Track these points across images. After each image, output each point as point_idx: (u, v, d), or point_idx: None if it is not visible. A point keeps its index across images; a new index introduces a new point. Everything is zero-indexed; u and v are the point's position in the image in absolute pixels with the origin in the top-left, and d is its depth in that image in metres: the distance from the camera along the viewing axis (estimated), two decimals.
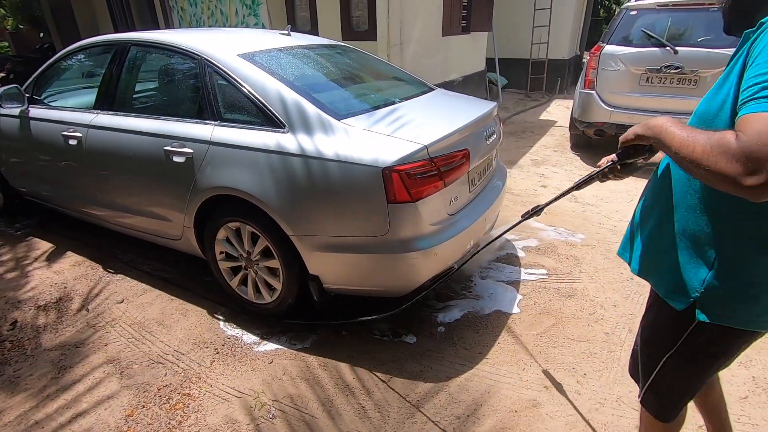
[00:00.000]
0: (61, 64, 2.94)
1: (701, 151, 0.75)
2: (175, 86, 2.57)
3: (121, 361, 2.05)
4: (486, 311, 2.35)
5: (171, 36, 2.46)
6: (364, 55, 2.98)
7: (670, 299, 1.01)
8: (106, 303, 2.48)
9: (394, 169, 1.76)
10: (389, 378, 1.93)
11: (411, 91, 2.57)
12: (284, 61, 2.33)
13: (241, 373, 1.97)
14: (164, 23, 7.55)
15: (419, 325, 2.25)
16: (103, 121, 2.52)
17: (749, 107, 0.72)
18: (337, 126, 1.92)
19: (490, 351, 2.08)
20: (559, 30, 8.61)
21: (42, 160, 2.92)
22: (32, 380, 1.96)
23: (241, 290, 2.33)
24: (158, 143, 2.27)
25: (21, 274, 2.81)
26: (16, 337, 2.23)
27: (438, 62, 6.27)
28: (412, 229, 1.86)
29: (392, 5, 5.18)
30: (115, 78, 2.58)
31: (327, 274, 2.03)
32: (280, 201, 1.94)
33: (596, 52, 4.64)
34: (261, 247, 2.13)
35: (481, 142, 2.20)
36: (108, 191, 2.63)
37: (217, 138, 2.09)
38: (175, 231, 2.41)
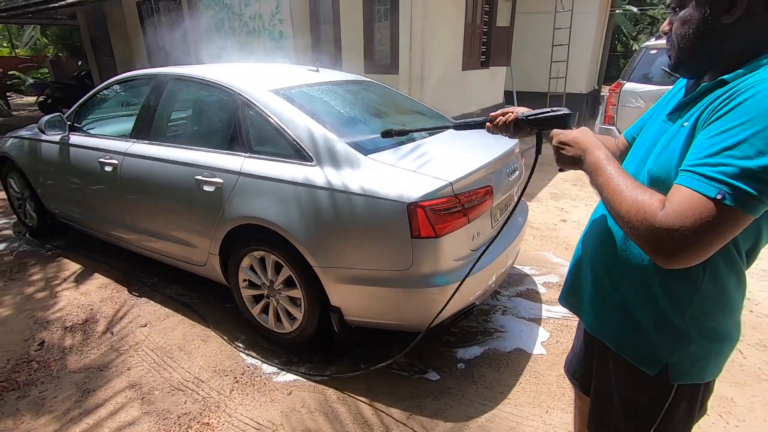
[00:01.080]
0: (103, 94, 3.11)
1: (627, 208, 0.75)
2: (209, 118, 2.69)
3: (142, 386, 2.07)
4: (507, 349, 2.32)
5: (208, 71, 2.60)
6: (388, 90, 3.08)
7: (641, 364, 0.93)
8: (130, 326, 2.53)
9: (419, 205, 1.80)
10: (408, 415, 1.90)
11: (434, 126, 2.63)
12: (313, 97, 2.43)
13: (260, 404, 1.96)
14: (195, 56, 7.94)
15: (438, 361, 2.22)
16: (139, 149, 2.64)
17: (685, 178, 0.71)
18: (364, 161, 1.97)
19: (511, 391, 2.04)
20: (577, 65, 8.74)
21: (77, 184, 3.05)
22: (57, 402, 1.99)
23: (261, 318, 2.35)
24: (190, 172, 2.36)
25: (50, 294, 2.89)
26: (43, 358, 2.28)
27: (457, 95, 6.41)
28: (435, 264, 1.87)
29: (414, 40, 5.36)
30: (152, 109, 2.72)
31: (349, 306, 2.04)
32: (306, 232, 1.98)
33: (616, 88, 4.69)
34: (284, 277, 2.16)
35: (504, 179, 2.23)
36: (138, 216, 2.72)
37: (247, 169, 2.17)
38: (201, 257, 2.47)
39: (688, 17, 0.79)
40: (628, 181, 0.79)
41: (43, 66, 17.06)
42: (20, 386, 2.09)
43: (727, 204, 0.66)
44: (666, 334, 0.89)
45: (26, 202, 3.66)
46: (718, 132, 0.70)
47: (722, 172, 0.67)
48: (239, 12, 6.63)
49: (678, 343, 0.88)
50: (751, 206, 0.67)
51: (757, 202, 0.66)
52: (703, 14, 0.76)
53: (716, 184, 0.67)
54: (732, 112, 0.69)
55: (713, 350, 0.90)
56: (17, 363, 2.25)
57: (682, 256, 0.70)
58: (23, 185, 3.57)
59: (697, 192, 0.69)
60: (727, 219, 0.67)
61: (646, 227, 0.71)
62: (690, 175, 0.70)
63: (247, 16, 6.56)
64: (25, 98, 15.27)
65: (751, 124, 0.66)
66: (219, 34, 7.06)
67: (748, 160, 0.65)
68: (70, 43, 15.86)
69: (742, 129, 0.67)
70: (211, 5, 6.94)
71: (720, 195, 0.67)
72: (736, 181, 0.66)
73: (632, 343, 0.95)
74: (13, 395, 2.03)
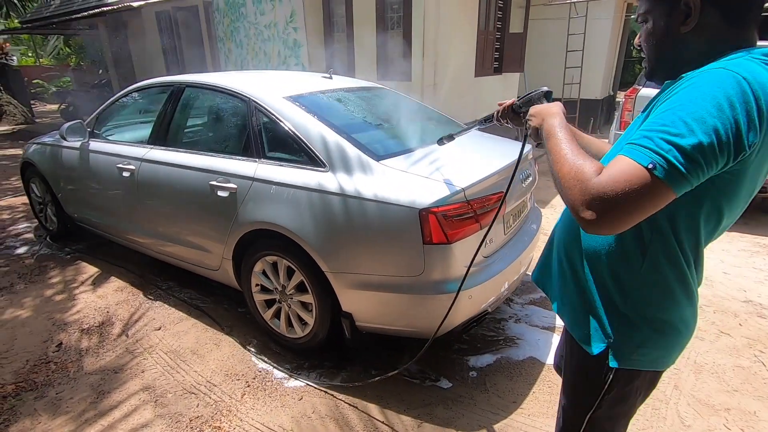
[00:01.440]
0: (122, 101, 3.19)
1: (566, 171, 0.79)
2: (224, 125, 2.73)
3: (156, 389, 2.10)
4: (520, 357, 2.28)
5: (223, 79, 2.64)
6: (400, 96, 3.09)
7: (585, 343, 0.99)
8: (145, 329, 2.56)
9: (431, 211, 1.79)
10: (419, 423, 1.88)
11: (447, 132, 2.63)
12: (326, 103, 2.45)
13: (270, 409, 1.97)
14: (212, 63, 8.09)
15: (450, 369, 2.20)
16: (156, 155, 2.69)
17: (625, 149, 0.75)
18: (376, 167, 1.98)
19: (524, 400, 2.00)
20: (592, 71, 8.66)
21: (96, 189, 3.13)
22: (73, 403, 2.02)
23: (273, 323, 2.36)
24: (204, 178, 2.39)
25: (68, 296, 2.95)
26: (61, 359, 2.32)
27: (470, 102, 6.39)
28: (447, 270, 1.86)
29: (427, 47, 5.38)
30: (168, 116, 2.77)
31: (360, 312, 2.04)
32: (318, 238, 1.99)
33: (632, 94, 4.63)
34: (296, 282, 2.17)
35: (517, 185, 2.21)
36: (154, 221, 2.77)
37: (261, 175, 2.19)
38: (214, 262, 2.50)
39: (651, 29, 0.88)
40: (574, 147, 0.83)
41: (65, 75, 17.59)
42: (38, 387, 2.13)
43: (656, 175, 0.70)
44: (610, 316, 0.94)
45: (47, 206, 3.76)
46: (661, 112, 0.75)
47: (658, 145, 0.71)
48: (255, 21, 6.75)
49: (620, 326, 0.93)
50: (676, 182, 0.70)
51: (683, 179, 0.70)
52: (664, 26, 0.85)
53: (651, 154, 0.71)
54: (674, 95, 0.75)
55: (655, 340, 0.92)
56: (36, 364, 2.29)
57: (605, 219, 0.73)
58: (44, 190, 3.67)
59: (633, 160, 0.72)
60: (653, 190, 0.70)
61: (579, 189, 0.75)
62: (629, 146, 0.74)
63: (263, 25, 6.67)
64: (48, 106, 15.74)
65: (685, 105, 0.71)
66: (235, 42, 7.18)
67: (681, 137, 0.69)
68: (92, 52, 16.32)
69: (679, 109, 0.72)
70: (227, 14, 7.08)
71: (651, 165, 0.70)
72: (668, 155, 0.70)
73: (581, 323, 0.99)
74: (31, 395, 2.08)
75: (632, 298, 0.91)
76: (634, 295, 0.91)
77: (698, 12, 0.80)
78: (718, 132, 0.68)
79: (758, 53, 0.77)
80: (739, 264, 3.28)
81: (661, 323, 0.91)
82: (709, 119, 0.69)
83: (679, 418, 1.89)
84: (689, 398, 2.00)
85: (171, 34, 8.95)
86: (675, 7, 0.82)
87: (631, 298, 0.91)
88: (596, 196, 0.72)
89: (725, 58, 0.78)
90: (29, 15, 12.26)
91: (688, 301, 0.91)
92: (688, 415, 1.91)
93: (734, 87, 0.69)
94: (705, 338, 2.43)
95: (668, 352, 0.95)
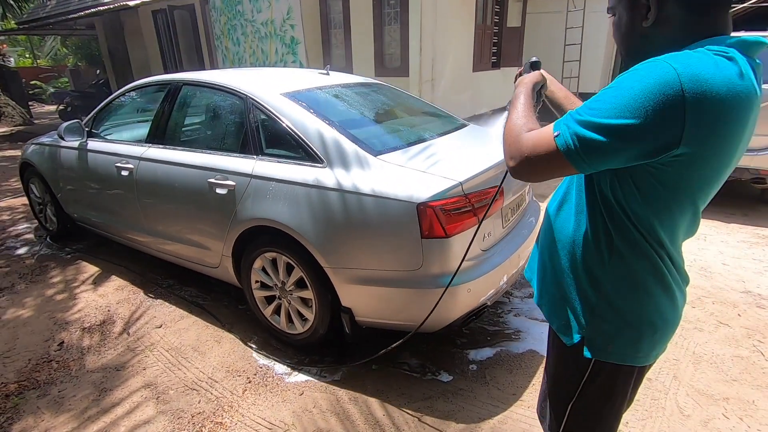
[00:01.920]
0: (119, 100, 3.19)
1: (509, 127, 0.91)
2: (221, 122, 2.73)
3: (158, 386, 2.11)
4: (519, 350, 2.29)
5: (220, 76, 2.64)
6: (398, 92, 3.09)
7: (562, 334, 1.00)
8: (146, 327, 2.57)
9: (428, 205, 1.80)
10: (420, 416, 1.89)
11: (444, 127, 2.64)
12: (323, 99, 2.45)
13: (272, 404, 1.98)
14: (209, 62, 8.08)
15: (450, 363, 2.21)
16: (154, 154, 2.70)
17: (555, 123, 0.83)
18: (374, 162, 1.98)
19: (524, 392, 2.01)
20: (590, 64, 8.63)
21: (95, 189, 3.13)
22: (75, 401, 2.03)
23: (273, 319, 2.37)
24: (203, 175, 2.40)
25: (69, 296, 2.97)
26: (63, 358, 2.34)
27: (468, 97, 6.39)
28: (446, 264, 1.86)
29: (424, 43, 5.37)
30: (166, 114, 2.77)
31: (359, 307, 2.05)
32: (317, 233, 2.00)
33: None
34: (295, 278, 2.18)
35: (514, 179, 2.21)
36: (153, 219, 2.78)
37: (259, 172, 2.19)
38: (214, 259, 2.50)
39: (618, 23, 0.91)
40: (524, 110, 0.95)
41: (63, 75, 17.56)
42: (41, 385, 2.14)
43: (557, 143, 0.79)
44: (583, 307, 0.95)
45: (47, 206, 3.76)
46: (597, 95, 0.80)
47: (569, 117, 0.79)
48: (251, 18, 6.73)
49: (592, 318, 0.94)
50: (569, 154, 0.78)
51: (577, 156, 0.77)
52: (628, 19, 0.87)
53: (560, 124, 0.80)
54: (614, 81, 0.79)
55: (628, 333, 0.92)
56: (38, 362, 2.31)
57: (519, 170, 0.86)
58: (44, 190, 3.67)
59: (550, 128, 0.82)
60: (551, 155, 0.80)
61: (510, 141, 0.89)
62: (558, 121, 0.82)
63: (259, 22, 6.65)
64: (46, 107, 15.72)
65: (608, 91, 0.76)
66: (232, 40, 7.16)
67: (589, 117, 0.76)
68: (89, 52, 16.30)
69: (603, 93, 0.77)
70: (224, 12, 7.06)
71: (556, 133, 0.79)
72: (570, 128, 0.77)
73: (558, 313, 1.01)
74: (33, 394, 2.09)
75: (603, 291, 0.92)
76: (605, 288, 0.91)
77: (656, 6, 0.80)
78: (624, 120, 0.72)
79: (719, 46, 0.75)
80: (738, 255, 3.28)
81: (632, 316, 0.91)
82: (621, 106, 0.72)
83: (678, 408, 1.90)
84: (688, 388, 2.01)
85: (168, 32, 8.93)
86: (637, 2, 0.83)
87: (602, 290, 0.92)
88: (517, 149, 0.85)
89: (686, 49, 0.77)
90: (26, 16, 12.23)
91: (665, 294, 0.90)
92: (687, 405, 1.92)
93: (659, 78, 0.70)
94: (704, 329, 2.44)
95: (646, 347, 0.93)
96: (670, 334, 0.96)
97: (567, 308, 0.98)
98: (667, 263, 0.89)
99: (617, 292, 0.91)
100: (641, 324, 0.91)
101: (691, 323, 2.48)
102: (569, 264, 0.97)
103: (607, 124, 0.73)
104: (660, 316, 0.92)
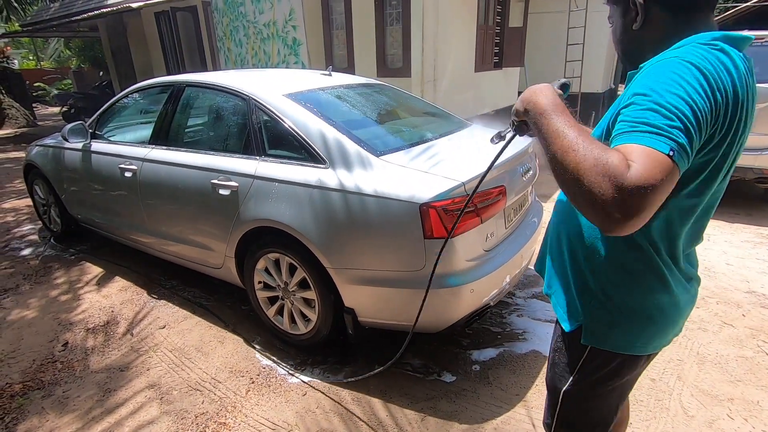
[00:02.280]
0: (122, 102, 3.20)
1: (584, 163, 0.68)
2: (224, 124, 2.74)
3: (161, 386, 2.12)
4: (523, 351, 2.29)
5: (222, 77, 2.65)
6: (400, 92, 3.09)
7: (562, 320, 1.03)
8: (150, 328, 2.58)
9: (431, 205, 1.79)
10: (423, 417, 1.89)
11: (447, 127, 2.63)
12: (326, 100, 2.45)
13: (275, 405, 1.98)
14: (212, 63, 8.10)
15: (453, 363, 2.21)
16: (157, 155, 2.71)
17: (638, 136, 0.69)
18: (376, 162, 1.98)
19: (527, 393, 2.01)
20: (593, 64, 8.61)
21: (99, 190, 3.14)
22: (80, 401, 2.04)
23: (276, 320, 2.37)
24: (206, 176, 2.40)
25: (73, 296, 2.98)
26: (67, 358, 2.35)
27: (470, 97, 6.38)
28: (448, 265, 1.86)
29: (426, 43, 5.37)
30: (169, 115, 2.78)
31: (362, 308, 2.05)
32: (319, 234, 2.00)
33: None
34: (298, 279, 2.18)
35: (518, 179, 2.21)
36: (157, 220, 2.79)
37: (261, 173, 2.20)
38: (217, 260, 2.51)
39: (615, 29, 0.95)
40: (581, 131, 0.74)
41: (66, 77, 17.64)
42: (45, 385, 2.15)
43: (674, 160, 0.67)
44: (583, 295, 0.98)
45: (51, 208, 3.78)
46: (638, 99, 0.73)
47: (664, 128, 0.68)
48: (254, 20, 6.74)
49: (590, 306, 0.96)
50: (684, 163, 0.69)
51: (687, 158, 0.69)
52: (620, 26, 0.93)
53: (666, 140, 0.67)
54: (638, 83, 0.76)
55: (625, 324, 0.94)
56: (42, 363, 2.32)
57: (640, 218, 0.66)
58: (48, 191, 3.69)
59: (655, 149, 0.67)
60: (672, 176, 0.67)
61: (610, 186, 0.65)
62: (640, 134, 0.69)
63: (262, 24, 6.66)
64: (50, 109, 15.80)
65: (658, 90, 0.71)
66: (234, 41, 7.18)
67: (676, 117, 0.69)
68: (92, 54, 16.37)
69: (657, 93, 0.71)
70: (226, 14, 7.08)
71: (671, 151, 0.67)
72: (678, 138, 0.67)
73: (561, 300, 1.04)
74: (38, 394, 2.10)
75: (601, 280, 0.94)
76: (603, 277, 0.94)
77: (642, 10, 0.86)
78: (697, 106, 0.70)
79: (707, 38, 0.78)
80: (742, 255, 3.27)
81: (629, 308, 0.93)
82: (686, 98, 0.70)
83: (682, 409, 1.89)
84: (692, 389, 2.00)
85: (171, 34, 8.96)
86: (627, 8, 0.89)
87: (600, 279, 0.94)
88: (635, 193, 0.64)
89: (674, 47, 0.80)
90: (29, 18, 12.29)
91: (663, 289, 0.91)
92: (691, 405, 1.91)
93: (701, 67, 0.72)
94: (708, 329, 2.43)
95: (643, 338, 0.95)
96: (671, 328, 0.97)
97: (568, 295, 1.01)
98: (664, 258, 0.90)
99: (614, 283, 0.93)
100: (638, 316, 0.93)
101: (695, 323, 2.47)
102: (572, 253, 0.99)
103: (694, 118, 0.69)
104: (659, 311, 0.93)
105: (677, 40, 0.82)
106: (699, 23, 0.83)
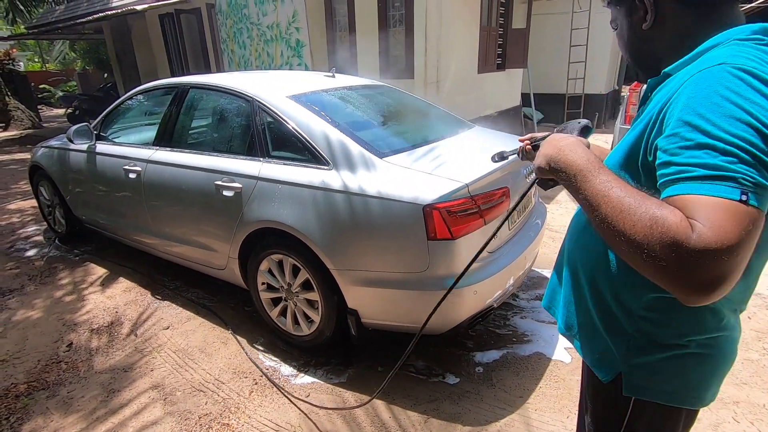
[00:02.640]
0: (127, 103, 3.22)
1: (641, 232, 0.58)
2: (228, 125, 2.75)
3: (165, 387, 2.12)
4: (526, 353, 2.28)
5: (226, 79, 2.66)
6: (403, 94, 3.10)
7: (596, 368, 0.88)
8: (153, 329, 2.59)
9: (434, 207, 1.79)
10: (426, 419, 1.89)
11: (450, 128, 2.64)
12: (329, 102, 2.46)
13: (278, 406, 1.98)
14: (215, 65, 8.13)
15: (457, 365, 2.20)
16: (161, 156, 2.72)
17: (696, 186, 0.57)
18: (379, 164, 1.99)
19: (531, 395, 2.00)
20: (596, 65, 8.59)
21: (103, 191, 3.16)
22: (84, 402, 2.05)
23: (280, 321, 2.37)
24: (210, 178, 2.41)
25: (78, 297, 2.99)
26: (71, 359, 2.36)
27: (473, 98, 6.38)
28: (452, 266, 1.86)
29: (429, 45, 5.37)
30: (173, 117, 2.80)
31: (365, 309, 2.05)
32: (323, 235, 2.00)
33: (637, 88, 4.60)
34: (301, 280, 2.18)
35: (521, 180, 2.21)
36: (161, 221, 2.80)
37: (265, 174, 2.21)
38: (220, 261, 2.52)
39: (621, 32, 0.86)
40: (631, 190, 0.62)
41: (71, 79, 17.75)
42: (50, 386, 2.16)
43: (751, 204, 0.54)
44: (616, 337, 0.82)
45: (55, 209, 3.80)
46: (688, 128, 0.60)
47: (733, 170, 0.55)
48: (257, 22, 6.77)
49: (628, 349, 0.81)
50: (765, 200, 0.56)
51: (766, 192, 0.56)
52: (627, 27, 0.83)
53: (733, 184, 0.55)
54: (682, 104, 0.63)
55: (670, 367, 0.78)
56: (47, 363, 2.33)
57: (725, 284, 0.54)
58: (53, 193, 3.71)
59: (722, 198, 0.54)
60: (756, 222, 0.54)
61: (675, 259, 0.54)
62: (695, 181, 0.57)
63: (265, 26, 6.68)
64: (55, 110, 15.90)
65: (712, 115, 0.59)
66: (238, 43, 7.21)
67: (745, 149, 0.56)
68: (97, 56, 16.47)
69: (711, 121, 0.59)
70: (230, 16, 7.11)
71: (744, 195, 0.54)
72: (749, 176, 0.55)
73: (590, 345, 0.90)
74: (43, 394, 2.11)
75: (635, 316, 0.79)
76: (637, 313, 0.79)
77: (652, 7, 0.76)
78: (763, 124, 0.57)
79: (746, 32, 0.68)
80: None
81: (672, 347, 0.78)
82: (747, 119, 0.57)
83: None
84: None
85: (175, 36, 9.00)
86: (632, 6, 0.79)
87: (634, 315, 0.79)
88: (707, 261, 0.53)
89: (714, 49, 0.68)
90: (35, 21, 12.39)
91: (715, 320, 0.76)
92: None
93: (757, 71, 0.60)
94: None
95: (693, 384, 0.80)
96: (725, 366, 0.81)
97: (599, 341, 0.86)
98: None
99: (651, 317, 0.78)
100: (695, 357, 0.78)
101: None
102: (594, 286, 0.85)
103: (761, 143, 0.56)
104: (719, 348, 0.78)
105: (702, 39, 0.71)
106: (725, 17, 0.72)
